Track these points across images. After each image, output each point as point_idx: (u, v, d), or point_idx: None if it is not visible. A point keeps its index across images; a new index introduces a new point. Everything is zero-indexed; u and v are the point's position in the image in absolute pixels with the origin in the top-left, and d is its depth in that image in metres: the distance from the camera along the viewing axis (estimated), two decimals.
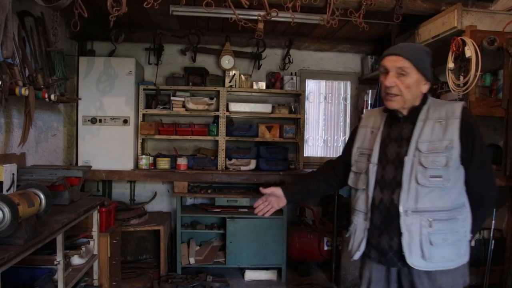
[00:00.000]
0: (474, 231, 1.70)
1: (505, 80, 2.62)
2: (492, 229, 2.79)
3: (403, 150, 1.65)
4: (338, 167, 1.99)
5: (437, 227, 1.58)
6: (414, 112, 1.67)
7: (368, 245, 1.73)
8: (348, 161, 1.89)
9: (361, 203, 1.76)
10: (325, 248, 3.95)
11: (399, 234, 1.61)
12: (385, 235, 1.67)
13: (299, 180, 2.09)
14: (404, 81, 1.61)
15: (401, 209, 1.60)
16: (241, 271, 3.99)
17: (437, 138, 1.59)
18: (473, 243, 2.80)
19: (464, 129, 1.58)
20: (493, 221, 2.78)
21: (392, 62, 1.63)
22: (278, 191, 1.96)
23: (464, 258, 1.65)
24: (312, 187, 2.03)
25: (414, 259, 1.58)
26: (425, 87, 1.65)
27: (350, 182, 1.86)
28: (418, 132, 1.63)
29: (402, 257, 1.62)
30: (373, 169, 1.71)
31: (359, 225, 1.77)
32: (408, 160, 1.61)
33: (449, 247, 1.59)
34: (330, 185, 2.03)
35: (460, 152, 1.58)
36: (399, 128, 1.70)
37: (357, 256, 1.77)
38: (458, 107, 1.62)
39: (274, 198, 1.97)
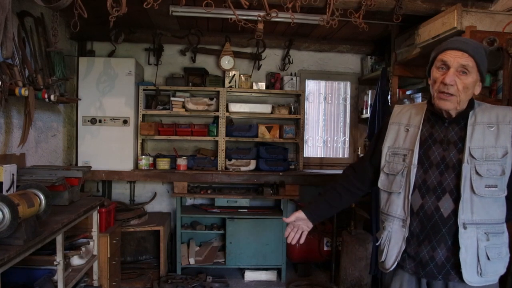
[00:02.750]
0: None
1: (505, 80, 2.62)
2: None
3: (450, 154, 1.52)
4: (364, 171, 1.81)
5: (493, 241, 1.49)
6: (461, 115, 1.54)
7: (402, 255, 1.60)
8: (377, 163, 1.72)
9: (397, 208, 1.61)
10: (325, 248, 3.95)
11: (446, 245, 1.50)
12: (426, 245, 1.54)
13: (320, 197, 1.86)
14: (464, 80, 1.47)
15: (459, 221, 1.47)
16: (241, 271, 3.99)
17: (490, 145, 1.48)
18: None
19: None
20: None
21: (456, 57, 1.47)
22: (301, 214, 1.81)
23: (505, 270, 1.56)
24: (335, 202, 1.84)
25: (469, 275, 1.47)
26: (478, 89, 1.53)
27: (381, 184, 1.69)
28: (469, 137, 1.50)
29: (443, 270, 1.51)
30: (413, 171, 1.56)
31: (395, 233, 1.61)
32: (465, 168, 1.48)
33: (502, 261, 1.52)
34: (353, 194, 1.85)
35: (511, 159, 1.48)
36: (444, 130, 1.57)
37: (393, 267, 1.62)
38: (509, 112, 1.52)
39: (301, 222, 1.82)
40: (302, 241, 1.84)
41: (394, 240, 1.61)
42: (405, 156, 1.60)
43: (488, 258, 1.47)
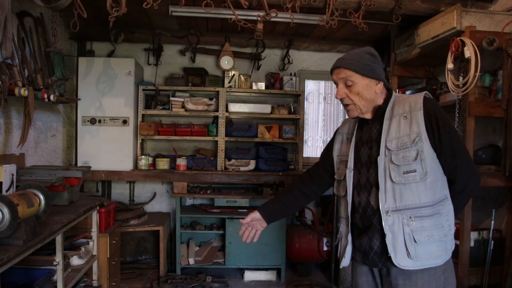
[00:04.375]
0: (456, 217, 1.67)
1: (505, 80, 2.62)
2: (491, 230, 2.79)
3: (373, 151, 1.65)
4: (319, 175, 1.98)
5: (420, 224, 1.55)
6: (379, 111, 1.68)
7: (353, 248, 1.74)
8: (330, 168, 1.89)
9: (343, 209, 1.77)
10: (325, 248, 3.95)
11: (380, 234, 1.60)
12: (364, 236, 1.66)
13: (276, 198, 2.05)
14: (352, 90, 1.64)
15: (381, 210, 1.58)
16: (241, 271, 3.99)
17: (405, 134, 1.58)
18: (472, 244, 2.81)
19: (428, 119, 1.56)
20: (493, 222, 2.78)
21: (336, 75, 1.66)
22: (256, 215, 1.94)
23: (450, 252, 1.62)
24: (290, 203, 1.99)
25: (400, 259, 1.56)
26: (378, 88, 1.65)
27: (335, 190, 1.86)
28: (386, 131, 1.62)
29: (382, 257, 1.61)
30: (349, 174, 1.71)
31: (343, 231, 1.78)
32: (380, 160, 1.60)
33: (436, 243, 1.56)
34: (307, 197, 2.01)
35: (429, 142, 1.55)
36: (368, 130, 1.71)
37: (343, 263, 1.76)
38: (419, 98, 1.60)
39: (256, 221, 1.94)
40: (255, 239, 1.95)
41: (343, 239, 1.78)
42: (346, 162, 1.75)
43: (415, 241, 1.54)
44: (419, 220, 1.55)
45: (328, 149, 1.94)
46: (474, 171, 1.64)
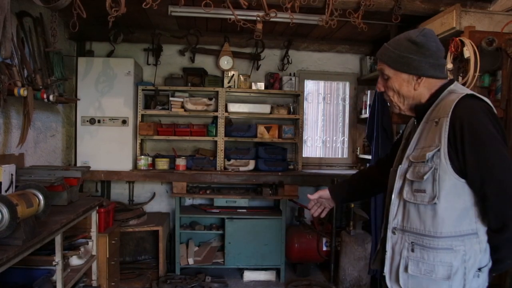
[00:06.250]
0: (496, 268, 1.34)
1: (504, 80, 2.62)
2: None
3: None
4: (385, 164, 1.73)
5: (420, 254, 1.33)
6: (420, 112, 1.43)
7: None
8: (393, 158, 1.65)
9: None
10: (324, 248, 3.96)
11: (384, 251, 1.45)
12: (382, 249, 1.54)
13: (350, 181, 1.85)
14: (388, 84, 1.45)
15: (389, 224, 1.43)
16: (240, 271, 3.99)
17: (427, 144, 1.33)
18: None
19: (453, 130, 1.26)
20: None
21: (377, 65, 1.49)
22: (325, 192, 1.84)
23: None
24: (363, 189, 1.84)
25: (392, 283, 1.41)
26: (418, 84, 1.39)
27: None
28: (416, 137, 1.40)
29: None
30: (392, 174, 1.52)
31: (381, 235, 1.60)
32: (399, 169, 1.42)
33: (434, 282, 1.31)
34: (381, 188, 1.73)
35: (449, 161, 1.27)
36: (414, 131, 1.47)
37: (373, 266, 1.61)
38: (455, 100, 1.29)
39: (324, 200, 1.85)
40: (323, 215, 1.88)
41: (379, 243, 1.61)
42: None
43: (406, 270, 1.36)
44: (420, 250, 1.34)
45: (399, 138, 1.71)
46: None
